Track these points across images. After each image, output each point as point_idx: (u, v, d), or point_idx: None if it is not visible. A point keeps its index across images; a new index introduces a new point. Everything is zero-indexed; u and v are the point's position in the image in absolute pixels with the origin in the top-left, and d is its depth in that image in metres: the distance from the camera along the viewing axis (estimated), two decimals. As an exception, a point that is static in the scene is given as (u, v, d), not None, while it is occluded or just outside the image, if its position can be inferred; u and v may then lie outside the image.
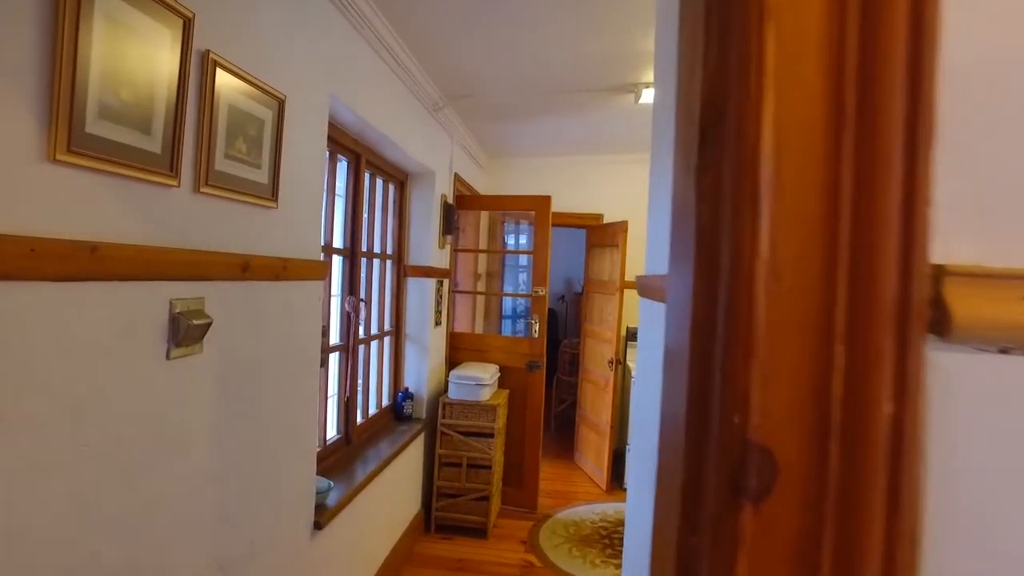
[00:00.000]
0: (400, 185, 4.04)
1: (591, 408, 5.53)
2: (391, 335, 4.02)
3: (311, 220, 2.29)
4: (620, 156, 5.77)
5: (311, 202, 2.29)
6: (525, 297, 5.57)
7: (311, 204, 2.29)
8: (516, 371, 4.63)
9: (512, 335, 7.09)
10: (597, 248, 5.57)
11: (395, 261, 4.03)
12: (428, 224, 4.12)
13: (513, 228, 6.91)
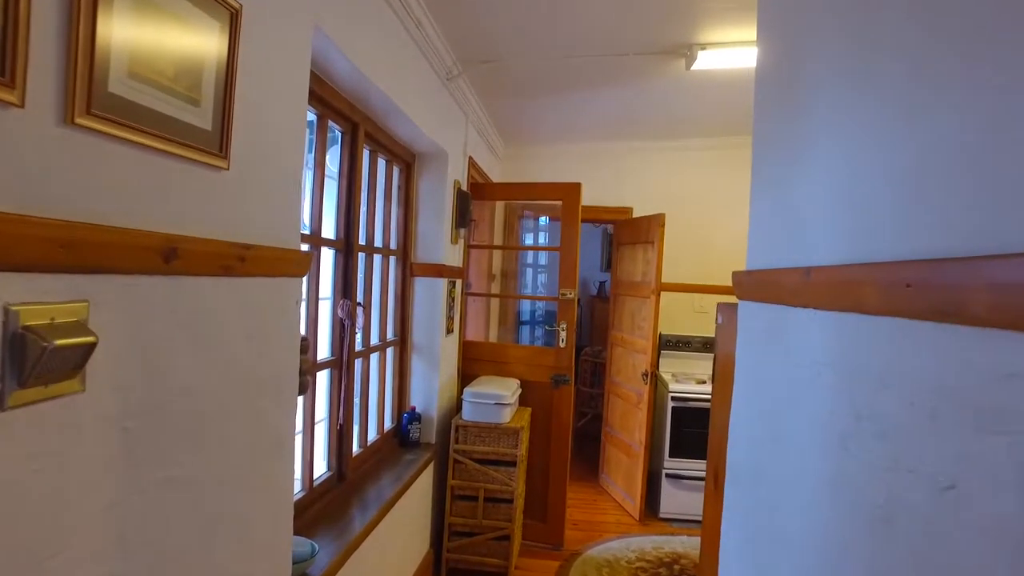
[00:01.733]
0: (406, 168, 3.40)
1: (620, 426, 4.88)
2: (395, 345, 3.38)
3: (286, 194, 1.65)
4: (653, 143, 5.12)
5: (286, 170, 1.65)
6: (550, 300, 4.92)
7: (286, 172, 1.65)
8: (539, 386, 3.98)
9: (531, 343, 6.43)
10: (627, 246, 4.93)
11: (400, 258, 3.39)
12: (439, 215, 3.48)
13: (531, 226, 6.26)
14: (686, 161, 5.15)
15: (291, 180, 1.69)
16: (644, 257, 4.63)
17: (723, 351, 2.18)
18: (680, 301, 5.11)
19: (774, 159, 1.56)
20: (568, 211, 3.91)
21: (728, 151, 5.09)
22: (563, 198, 3.91)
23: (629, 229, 4.87)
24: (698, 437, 4.45)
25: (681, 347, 5.00)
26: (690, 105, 4.20)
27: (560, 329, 3.92)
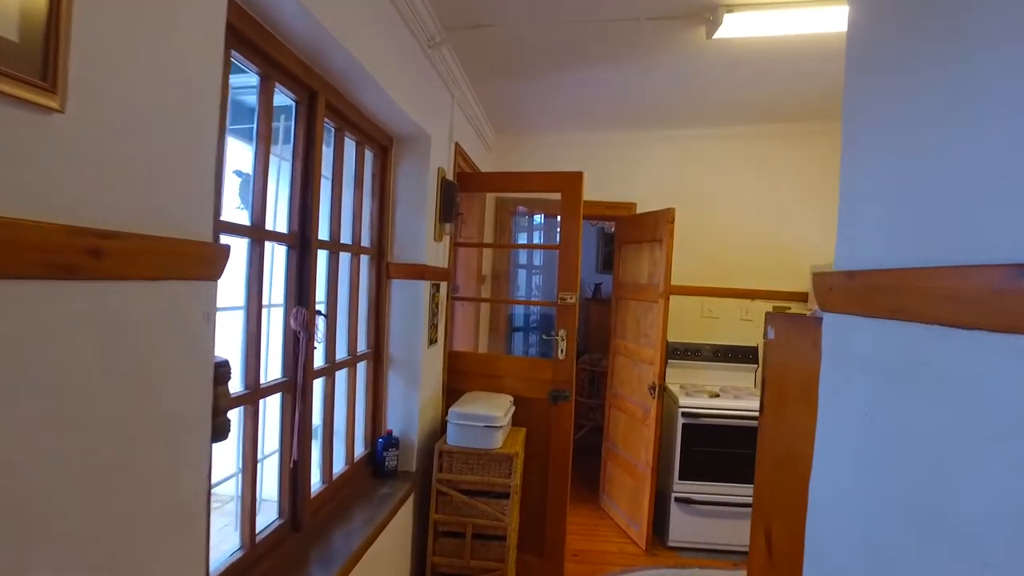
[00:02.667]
0: (382, 153, 2.91)
1: (624, 443, 4.40)
2: (368, 360, 2.88)
3: (185, 161, 1.16)
4: (660, 132, 4.65)
5: (186, 124, 1.16)
6: (547, 305, 4.43)
7: (186, 128, 1.16)
8: (535, 403, 3.50)
9: (525, 354, 5.91)
10: (631, 245, 4.45)
11: (374, 258, 2.90)
12: (420, 208, 2.99)
13: (525, 224, 5.76)
14: (695, 152, 4.69)
15: (195, 141, 1.19)
16: (650, 257, 4.16)
17: (776, 372, 1.71)
18: (687, 305, 4.64)
19: (895, 119, 1.08)
20: (568, 204, 3.42)
21: (744, 141, 4.63)
22: (562, 189, 3.42)
23: (633, 226, 4.40)
24: (712, 457, 3.98)
25: (690, 356, 4.53)
26: (705, 87, 3.73)
27: (559, 338, 3.44)
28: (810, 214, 4.60)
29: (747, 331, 4.65)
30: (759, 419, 1.97)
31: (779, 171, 4.63)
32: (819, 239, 4.56)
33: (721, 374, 4.55)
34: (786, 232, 4.62)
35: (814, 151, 4.58)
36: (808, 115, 4.34)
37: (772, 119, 4.44)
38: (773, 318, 1.71)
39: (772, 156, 4.62)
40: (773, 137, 4.60)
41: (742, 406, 3.98)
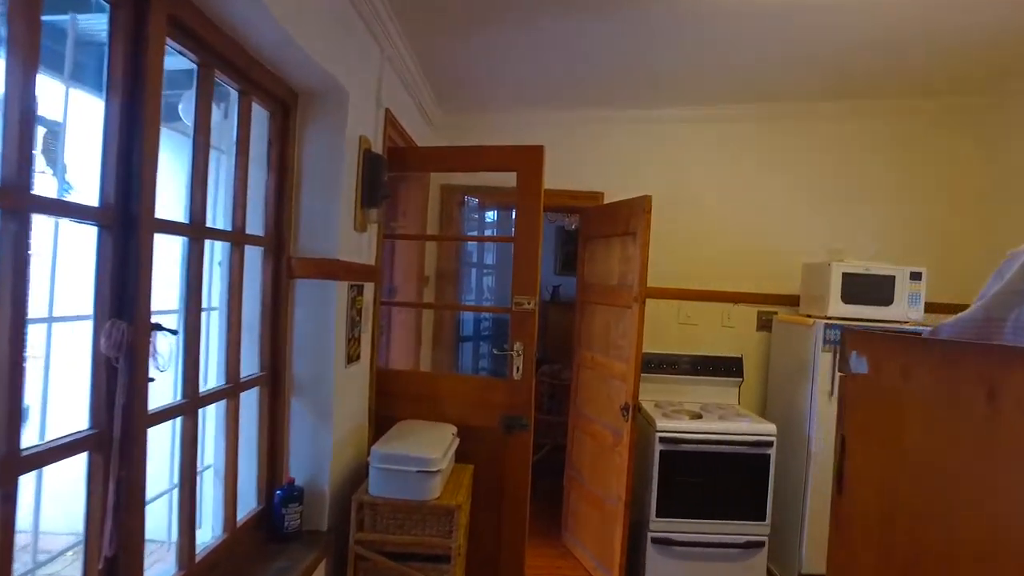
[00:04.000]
0: (282, 111, 2.19)
1: (590, 472, 3.74)
2: (261, 385, 2.16)
3: None
4: (630, 111, 4.02)
5: None
6: (501, 312, 3.75)
7: None
8: (485, 433, 2.81)
9: (474, 372, 5.14)
10: (599, 240, 3.80)
11: (270, 250, 2.18)
12: (334, 187, 2.27)
13: (476, 217, 5.05)
14: (671, 137, 4.07)
15: None
16: (622, 254, 3.52)
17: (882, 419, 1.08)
18: (662, 310, 4.02)
19: None
20: (526, 186, 2.75)
21: (726, 124, 4.03)
22: (519, 167, 2.75)
23: (602, 218, 3.75)
24: (695, 490, 3.35)
25: (665, 368, 3.90)
26: (684, 58, 3.12)
27: (514, 354, 2.76)
28: (801, 207, 4.03)
29: (729, 339, 4.06)
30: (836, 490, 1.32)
31: (768, 159, 4.05)
32: (811, 235, 4.00)
33: (701, 390, 3.94)
34: (773, 228, 4.03)
35: (810, 136, 4.01)
36: (804, 92, 3.77)
37: (760, 97, 3.86)
38: (861, 340, 1.08)
39: (759, 141, 4.04)
40: (761, 120, 4.01)
41: (730, 429, 3.37)
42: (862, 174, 4.01)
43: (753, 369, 4.04)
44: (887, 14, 2.69)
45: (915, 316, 3.44)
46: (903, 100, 3.90)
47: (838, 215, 4.01)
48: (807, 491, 3.36)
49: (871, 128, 3.99)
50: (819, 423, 3.32)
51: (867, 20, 2.76)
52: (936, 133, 3.98)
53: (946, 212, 3.98)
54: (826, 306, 3.42)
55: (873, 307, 3.42)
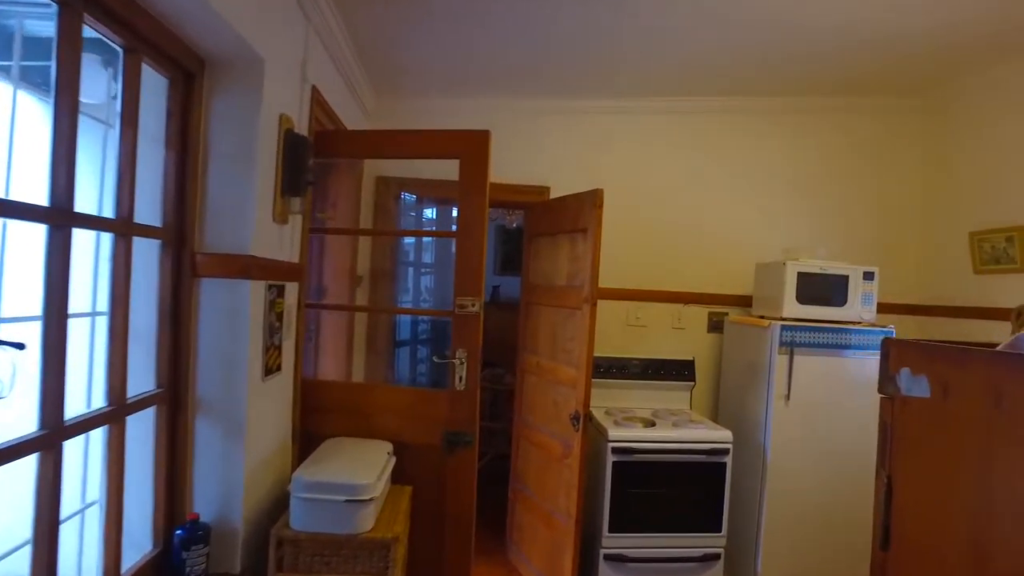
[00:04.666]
0: (185, 80, 1.83)
1: (537, 485, 3.48)
2: (158, 405, 1.80)
3: None
4: (579, 101, 3.79)
5: None
6: (442, 315, 3.44)
7: None
8: (425, 451, 2.50)
9: (412, 382, 4.78)
10: (546, 237, 3.55)
11: (169, 243, 1.82)
12: (248, 170, 1.93)
13: (414, 212, 4.71)
14: (622, 129, 3.85)
15: None
16: (571, 252, 3.27)
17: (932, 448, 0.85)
18: (611, 312, 3.80)
19: None
20: (470, 175, 2.46)
21: (679, 118, 3.85)
22: (462, 154, 2.46)
23: (549, 214, 3.49)
24: (650, 503, 3.14)
25: (614, 373, 3.69)
26: (638, 46, 2.90)
27: (457, 361, 2.47)
28: (752, 206, 3.88)
29: (680, 341, 3.87)
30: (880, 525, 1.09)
31: (720, 155, 3.88)
32: (765, 233, 3.86)
33: (652, 394, 3.74)
34: (723, 226, 3.87)
35: (763, 134, 3.87)
36: (758, 88, 3.61)
37: (716, 91, 3.69)
38: (919, 355, 0.85)
39: (711, 137, 3.87)
40: (713, 114, 3.85)
41: (685, 436, 3.17)
42: (812, 173, 3.90)
43: (704, 372, 3.86)
44: (845, 8, 2.54)
45: (868, 317, 3.33)
46: (853, 99, 3.81)
47: (789, 214, 3.89)
48: (763, 500, 3.20)
49: (821, 127, 3.89)
50: (775, 429, 3.17)
51: (822, 16, 2.63)
52: (882, 134, 3.92)
53: (890, 213, 3.92)
54: (780, 307, 3.27)
55: (828, 308, 3.29)
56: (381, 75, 3.45)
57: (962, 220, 3.56)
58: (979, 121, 3.52)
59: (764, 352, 3.25)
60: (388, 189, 3.77)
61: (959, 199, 3.62)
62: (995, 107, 3.41)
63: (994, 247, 3.36)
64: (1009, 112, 3.33)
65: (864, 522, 3.42)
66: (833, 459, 3.22)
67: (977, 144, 3.52)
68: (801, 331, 3.17)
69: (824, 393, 3.20)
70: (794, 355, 3.15)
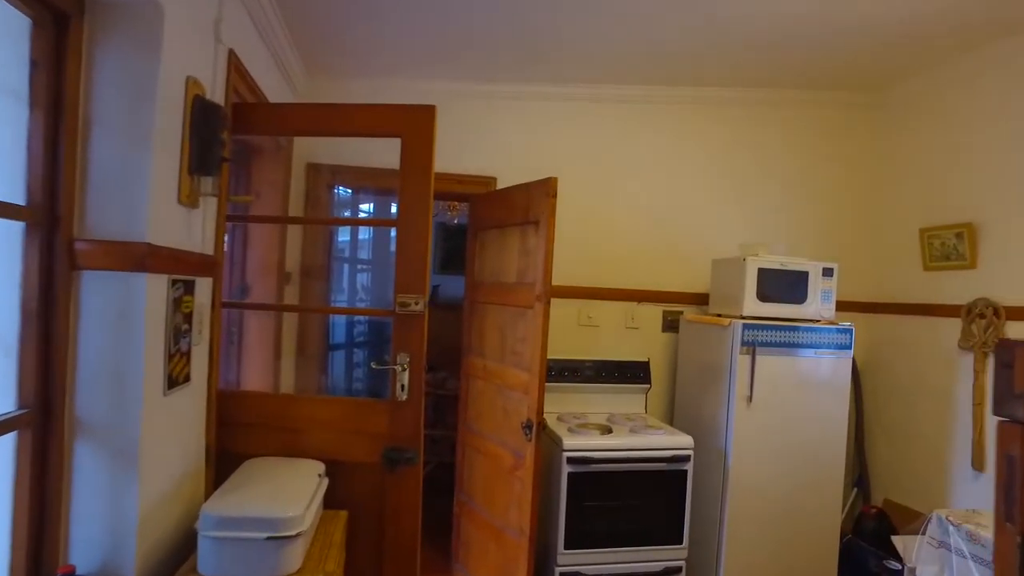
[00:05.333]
0: (55, 21, 1.44)
1: (485, 499, 3.18)
2: (23, 429, 1.41)
3: None
4: (528, 87, 3.51)
5: None
6: (382, 315, 3.10)
7: None
8: (362, 470, 2.16)
9: (347, 392, 4.34)
10: (493, 231, 3.25)
11: (36, 226, 1.43)
12: (142, 139, 1.55)
13: (349, 203, 4.31)
14: (573, 117, 3.59)
15: None
16: (521, 246, 2.99)
17: None
18: (562, 311, 3.54)
19: None
20: (413, 156, 2.14)
21: (631, 106, 3.62)
22: (404, 132, 2.13)
23: (496, 206, 3.20)
24: (607, 515, 2.89)
25: (566, 376, 3.42)
26: (587, 28, 2.65)
27: (398, 368, 2.14)
28: (709, 199, 3.70)
29: (634, 341, 3.64)
30: None
31: (674, 147, 3.68)
32: (719, 229, 3.68)
33: (606, 398, 3.49)
34: (679, 220, 3.67)
35: (720, 123, 3.69)
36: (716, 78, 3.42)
37: (672, 79, 3.48)
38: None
39: (664, 127, 3.66)
40: (671, 103, 3.64)
41: (644, 444, 2.93)
42: (766, 168, 3.74)
43: (660, 374, 3.65)
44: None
45: (827, 314, 3.18)
46: (806, 93, 3.67)
47: (743, 210, 3.72)
48: (724, 508, 2.99)
49: (774, 121, 3.73)
50: (737, 433, 2.97)
51: (781, 3, 2.45)
52: (835, 130, 3.80)
53: (843, 209, 3.81)
54: (740, 304, 3.07)
55: (788, 305, 3.12)
56: (313, 51, 3.08)
57: (913, 217, 3.47)
58: (929, 118, 3.43)
59: (724, 352, 3.05)
60: (320, 177, 3.39)
61: (910, 196, 3.52)
62: (944, 105, 3.33)
63: (944, 244, 3.27)
64: (958, 109, 3.25)
65: (824, 525, 3.33)
66: (794, 462, 3.05)
67: (927, 141, 3.44)
68: (763, 330, 2.98)
69: (786, 394, 3.03)
70: (756, 355, 2.96)
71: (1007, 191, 2.99)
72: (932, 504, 3.28)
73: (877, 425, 3.64)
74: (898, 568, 3.04)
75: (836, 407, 3.11)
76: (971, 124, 3.20)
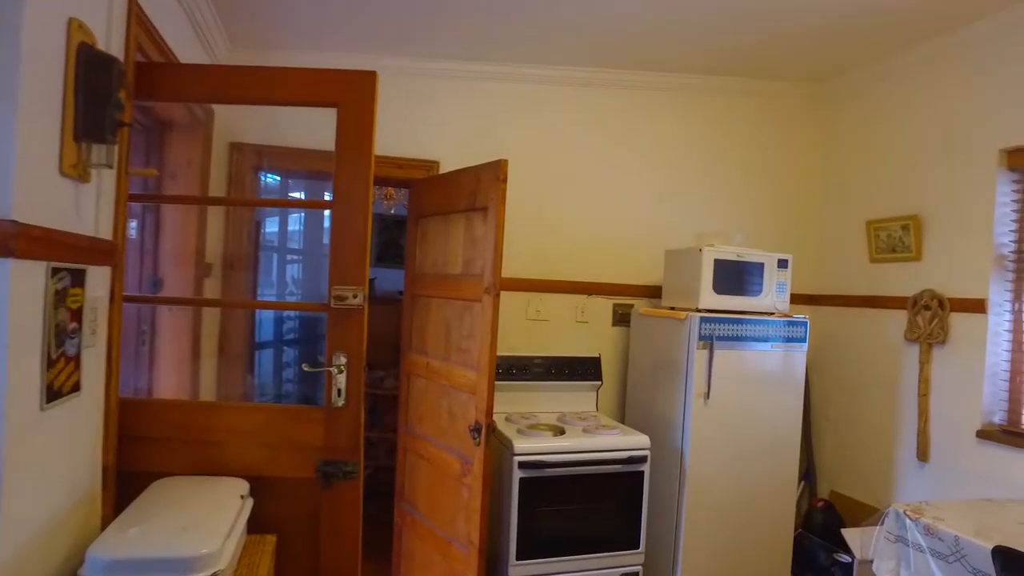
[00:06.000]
0: None
1: (429, 508, 2.91)
2: None
3: None
4: (470, 65, 3.26)
5: None
6: (314, 309, 2.80)
7: None
8: (294, 486, 1.87)
9: (280, 399, 3.92)
10: (436, 218, 2.97)
11: None
12: (3, 90, 1.24)
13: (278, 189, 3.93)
14: (521, 98, 3.36)
15: None
16: (468, 234, 2.73)
17: None
18: (509, 305, 3.31)
19: None
20: (351, 128, 1.85)
21: (583, 90, 3.42)
22: (340, 101, 1.84)
23: (440, 190, 2.93)
24: (561, 521, 2.68)
25: (515, 374, 3.19)
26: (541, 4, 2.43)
27: (334, 369, 1.86)
28: (662, 188, 3.54)
29: (584, 336, 3.45)
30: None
31: (626, 132, 3.50)
32: (669, 219, 3.53)
33: (556, 397, 3.28)
34: (628, 210, 3.50)
35: (672, 110, 3.53)
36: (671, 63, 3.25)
37: (625, 62, 3.29)
38: None
39: (619, 113, 3.48)
40: (622, 88, 3.46)
41: (599, 445, 2.73)
42: (716, 158, 3.61)
43: (611, 370, 3.47)
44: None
45: (782, 307, 3.07)
46: (755, 82, 3.56)
47: (693, 201, 3.59)
48: (681, 509, 2.83)
49: (724, 109, 3.61)
50: (695, 430, 2.81)
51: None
52: (784, 121, 3.71)
53: (792, 201, 3.73)
54: (697, 297, 2.91)
55: (744, 297, 2.99)
56: (237, 21, 2.73)
57: (860, 209, 3.41)
58: (875, 111, 3.38)
59: (680, 347, 2.89)
60: (245, 159, 3.03)
61: (857, 188, 3.47)
62: (891, 97, 3.28)
63: (890, 236, 3.21)
64: (900, 103, 3.21)
65: (778, 520, 3.24)
66: (750, 459, 2.93)
67: (873, 133, 3.38)
68: (720, 323, 2.84)
69: (742, 390, 2.90)
70: (714, 349, 2.81)
71: (949, 184, 2.95)
72: (878, 495, 3.23)
73: (824, 417, 3.57)
74: (848, 561, 2.97)
75: (791, 401, 3.01)
76: (913, 117, 3.15)
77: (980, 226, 2.81)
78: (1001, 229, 2.76)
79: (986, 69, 2.81)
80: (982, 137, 2.82)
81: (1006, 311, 2.76)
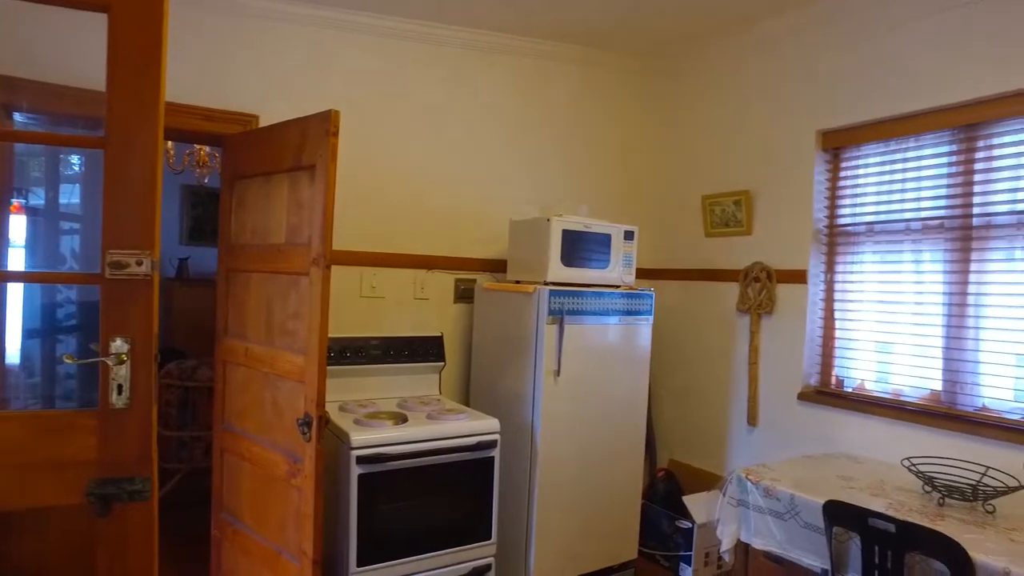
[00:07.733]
0: None
1: (254, 516, 2.46)
2: None
3: None
4: (300, 6, 2.79)
5: None
6: (87, 281, 2.20)
7: None
8: (57, 517, 1.40)
9: (42, 403, 3.04)
10: (255, 179, 2.49)
11: None
12: None
13: (39, 164, 3.09)
14: (354, 47, 2.95)
15: None
16: (292, 198, 2.31)
17: None
18: (341, 280, 2.91)
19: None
20: (130, 40, 1.38)
21: (423, 45, 3.08)
22: (112, 3, 1.37)
23: (259, 147, 2.45)
24: (405, 519, 2.38)
25: (349, 358, 2.81)
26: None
27: (111, 360, 1.40)
28: (503, 157, 3.31)
29: (424, 314, 3.16)
30: None
31: (468, 95, 3.23)
32: (516, 190, 3.32)
33: (395, 380, 2.95)
34: (472, 179, 3.24)
35: (517, 74, 3.31)
36: (510, 24, 3.01)
37: (470, 20, 3.01)
38: None
39: (462, 74, 3.19)
40: (466, 48, 3.19)
41: (447, 432, 2.45)
42: (560, 129, 3.47)
43: (454, 350, 3.21)
44: None
45: (628, 280, 2.98)
46: (597, 52, 3.45)
47: (538, 172, 3.42)
48: (532, 491, 2.66)
49: (569, 78, 3.47)
50: (545, 410, 2.64)
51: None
52: (626, 94, 3.65)
53: (634, 174, 3.70)
54: (544, 270, 2.73)
55: (591, 270, 2.86)
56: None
57: (697, 184, 3.45)
58: (710, 89, 3.42)
59: (529, 323, 2.70)
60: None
61: (695, 163, 3.50)
62: (726, 75, 3.33)
63: (724, 211, 3.28)
64: (738, 82, 3.27)
65: (627, 494, 3.18)
66: (600, 434, 2.83)
67: (710, 110, 3.42)
68: (569, 296, 2.68)
69: (591, 364, 2.78)
70: (564, 324, 2.65)
71: (776, 162, 3.04)
72: (715, 462, 3.30)
73: (663, 388, 3.60)
74: (689, 527, 2.99)
75: (639, 374, 2.95)
76: (745, 97, 3.22)
77: (801, 202, 2.92)
78: (818, 205, 2.89)
79: (809, 54, 2.91)
80: (802, 119, 2.93)
81: (821, 281, 2.90)
